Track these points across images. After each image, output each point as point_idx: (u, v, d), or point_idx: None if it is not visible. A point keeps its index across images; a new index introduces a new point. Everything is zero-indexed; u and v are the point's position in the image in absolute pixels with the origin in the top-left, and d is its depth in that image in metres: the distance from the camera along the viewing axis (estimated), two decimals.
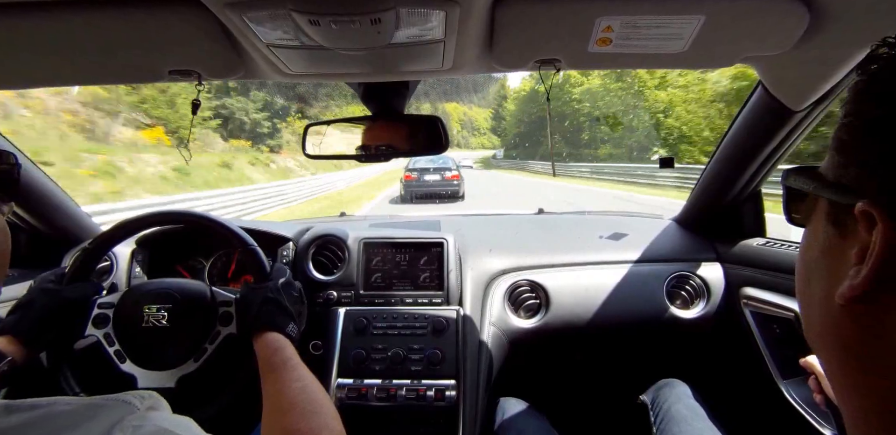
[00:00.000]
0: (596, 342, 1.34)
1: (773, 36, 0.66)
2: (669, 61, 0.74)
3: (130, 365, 0.82)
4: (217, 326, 0.84)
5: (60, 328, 0.81)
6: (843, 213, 0.27)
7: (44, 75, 0.77)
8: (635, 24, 0.62)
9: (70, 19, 0.59)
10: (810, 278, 0.31)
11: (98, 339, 0.83)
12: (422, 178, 11.60)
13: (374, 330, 1.10)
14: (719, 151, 1.19)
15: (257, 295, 0.81)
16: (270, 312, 0.79)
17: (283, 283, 0.85)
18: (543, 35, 0.66)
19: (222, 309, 0.85)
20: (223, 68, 0.74)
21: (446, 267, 1.17)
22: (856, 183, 0.27)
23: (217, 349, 0.83)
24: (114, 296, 0.86)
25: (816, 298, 0.30)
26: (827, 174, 0.29)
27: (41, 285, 0.83)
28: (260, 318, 0.78)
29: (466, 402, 1.02)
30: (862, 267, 0.25)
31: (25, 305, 0.79)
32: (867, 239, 0.25)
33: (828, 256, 0.29)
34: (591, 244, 1.36)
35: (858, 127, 0.27)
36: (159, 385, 0.80)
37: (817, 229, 0.30)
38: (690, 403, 0.98)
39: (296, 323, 0.81)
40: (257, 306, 0.79)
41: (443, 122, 0.88)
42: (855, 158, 0.27)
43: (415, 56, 0.69)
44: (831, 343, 0.29)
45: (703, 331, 1.27)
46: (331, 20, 0.53)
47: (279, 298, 0.81)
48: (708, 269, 1.28)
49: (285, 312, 0.80)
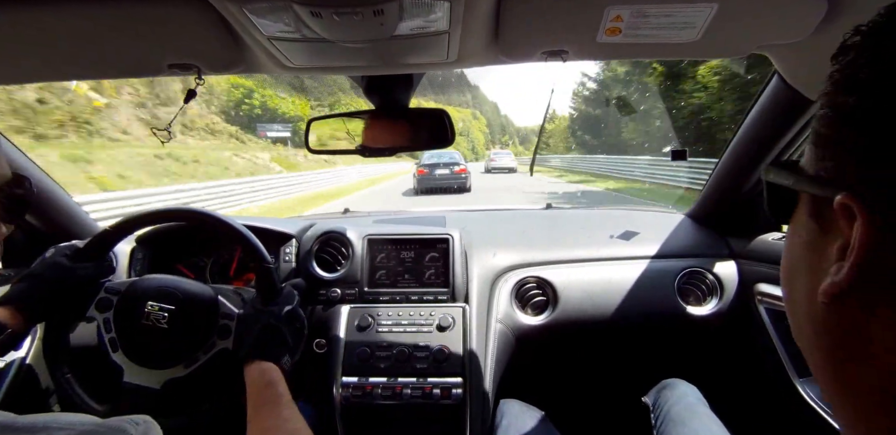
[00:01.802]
0: (604, 340, 1.34)
1: (789, 23, 0.65)
2: (681, 51, 0.73)
3: (121, 356, 0.83)
4: (214, 338, 0.85)
5: (64, 305, 0.83)
6: (824, 207, 0.27)
7: (40, 70, 0.78)
8: (645, 13, 0.61)
9: (67, 12, 0.59)
10: (793, 276, 0.31)
11: (98, 323, 0.85)
12: (433, 173, 13.25)
13: (379, 327, 1.11)
14: (733, 144, 1.17)
15: (260, 319, 0.81)
16: (269, 341, 0.78)
17: (289, 311, 0.84)
18: (551, 25, 0.65)
19: (223, 321, 0.86)
20: (223, 62, 0.74)
21: (452, 263, 1.17)
22: (834, 175, 0.27)
23: (209, 360, 0.84)
24: (122, 283, 0.88)
25: (800, 294, 0.30)
26: (807, 168, 0.29)
27: (54, 258, 0.84)
28: (257, 345, 0.77)
29: (473, 400, 1.02)
30: (843, 263, 0.25)
31: (34, 277, 0.81)
32: (848, 234, 0.25)
33: (810, 252, 0.29)
34: (600, 240, 1.36)
35: (834, 118, 0.27)
36: (144, 383, 0.81)
37: (799, 225, 0.30)
38: (691, 403, 0.98)
39: (291, 356, 0.81)
40: (257, 332, 0.79)
41: (448, 115, 0.88)
42: (833, 151, 0.27)
43: (419, 48, 0.69)
44: (816, 342, 0.29)
45: (715, 328, 1.26)
46: (333, 12, 0.53)
47: (281, 327, 0.80)
48: (721, 265, 1.27)
49: (284, 343, 0.80)
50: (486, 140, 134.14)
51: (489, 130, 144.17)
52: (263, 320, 0.80)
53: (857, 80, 0.26)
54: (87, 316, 0.85)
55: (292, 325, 0.84)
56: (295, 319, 0.85)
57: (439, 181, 13.05)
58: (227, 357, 0.84)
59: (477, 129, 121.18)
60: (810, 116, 0.97)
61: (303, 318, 0.88)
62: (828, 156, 0.27)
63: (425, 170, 13.29)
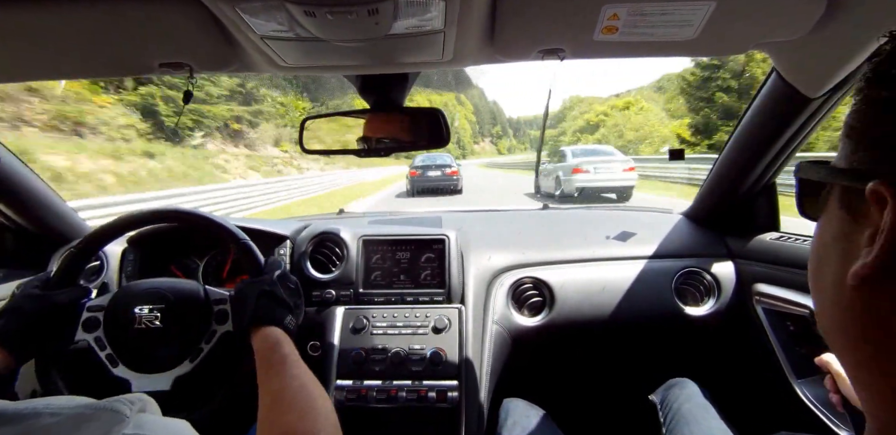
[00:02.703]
0: (602, 340, 1.34)
1: (788, 20, 0.66)
2: (679, 49, 0.73)
3: (123, 369, 0.82)
4: (213, 325, 0.84)
5: (49, 334, 0.80)
6: (856, 197, 0.28)
7: (28, 68, 0.77)
8: (642, 11, 0.61)
9: (56, 10, 0.59)
10: (822, 265, 0.32)
11: (89, 343, 0.83)
12: (425, 175, 13.55)
13: (374, 329, 1.11)
14: (731, 142, 1.18)
15: (253, 289, 0.81)
16: (267, 306, 0.79)
17: (279, 275, 0.85)
18: (547, 24, 0.65)
19: (217, 307, 0.86)
20: (215, 61, 0.73)
21: (448, 264, 1.17)
22: (866, 165, 0.28)
23: (213, 348, 0.84)
24: (103, 298, 0.86)
25: (828, 282, 0.31)
26: (839, 163, 0.31)
27: (25, 291, 0.81)
28: (257, 312, 0.78)
29: (469, 403, 1.02)
30: (873, 248, 0.26)
31: (11, 311, 0.78)
32: (879, 221, 0.26)
33: (840, 241, 0.30)
34: (597, 240, 1.36)
35: (867, 111, 0.28)
36: (154, 388, 0.80)
37: (830, 217, 0.31)
38: (701, 402, 0.99)
39: (294, 315, 0.81)
40: (254, 301, 0.79)
41: (444, 114, 0.88)
42: (865, 142, 0.28)
43: (414, 47, 0.69)
44: (841, 324, 0.30)
45: (712, 328, 1.27)
46: (327, 11, 0.53)
47: (275, 290, 0.81)
48: (719, 264, 1.28)
49: (282, 304, 0.81)
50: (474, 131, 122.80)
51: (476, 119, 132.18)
52: (257, 289, 0.81)
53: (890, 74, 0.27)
54: (76, 340, 0.83)
55: (286, 286, 0.84)
56: (286, 279, 0.86)
57: (432, 182, 13.37)
58: (230, 340, 0.84)
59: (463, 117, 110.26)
60: (809, 114, 0.98)
61: (294, 278, 0.89)
62: (860, 148, 0.28)
63: (418, 172, 13.63)
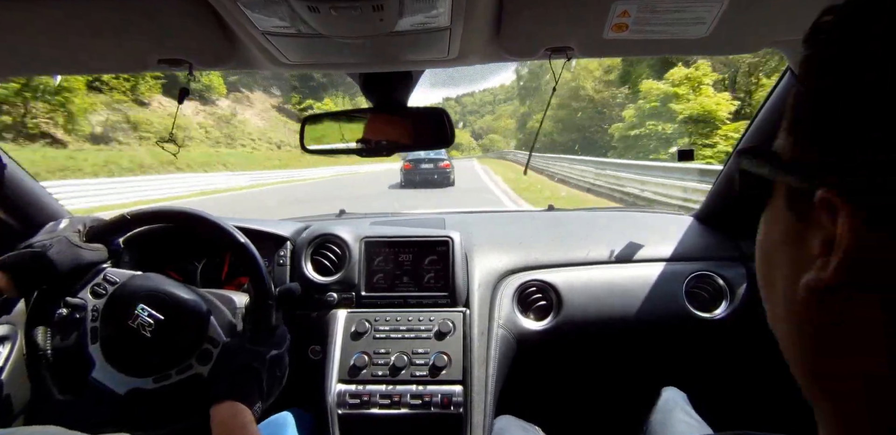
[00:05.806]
0: (609, 345, 1.34)
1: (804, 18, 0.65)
2: (690, 47, 0.73)
3: (97, 349, 0.83)
4: (192, 360, 0.84)
5: (60, 282, 0.83)
6: (802, 198, 0.26)
7: (24, 64, 0.78)
8: (653, 8, 0.61)
9: (54, 5, 0.59)
10: (771, 267, 0.30)
11: (86, 307, 0.85)
12: (419, 167, 14.55)
13: (377, 333, 1.11)
14: (744, 142, 1.17)
15: (243, 357, 0.80)
16: (246, 384, 0.77)
17: (275, 356, 0.83)
18: (555, 21, 0.65)
19: (206, 346, 0.85)
20: (215, 57, 0.74)
21: (452, 266, 1.17)
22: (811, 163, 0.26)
23: (180, 382, 0.84)
24: (122, 275, 0.88)
25: (779, 286, 0.29)
26: (782, 153, 0.29)
27: (65, 233, 0.84)
28: (234, 384, 0.76)
29: (474, 409, 1.02)
30: (829, 259, 0.24)
31: (39, 248, 0.81)
32: (830, 228, 0.24)
33: (789, 243, 0.28)
34: (605, 242, 1.36)
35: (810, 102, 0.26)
36: (110, 384, 0.82)
37: (776, 214, 0.30)
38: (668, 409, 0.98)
39: (263, 404, 0.79)
40: (236, 370, 0.78)
41: (448, 114, 0.88)
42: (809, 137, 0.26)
43: (418, 45, 0.69)
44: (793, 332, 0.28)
45: (724, 333, 1.26)
46: (330, 6, 0.53)
47: (262, 371, 0.79)
48: (731, 268, 1.27)
49: (260, 389, 0.78)
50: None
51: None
52: (246, 359, 0.79)
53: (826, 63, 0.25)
54: (78, 297, 0.85)
55: (273, 371, 0.82)
56: (278, 365, 0.84)
57: (425, 175, 14.32)
58: (198, 384, 0.83)
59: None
60: None
61: (286, 366, 0.87)
62: (805, 142, 0.27)
63: (411, 165, 14.52)
